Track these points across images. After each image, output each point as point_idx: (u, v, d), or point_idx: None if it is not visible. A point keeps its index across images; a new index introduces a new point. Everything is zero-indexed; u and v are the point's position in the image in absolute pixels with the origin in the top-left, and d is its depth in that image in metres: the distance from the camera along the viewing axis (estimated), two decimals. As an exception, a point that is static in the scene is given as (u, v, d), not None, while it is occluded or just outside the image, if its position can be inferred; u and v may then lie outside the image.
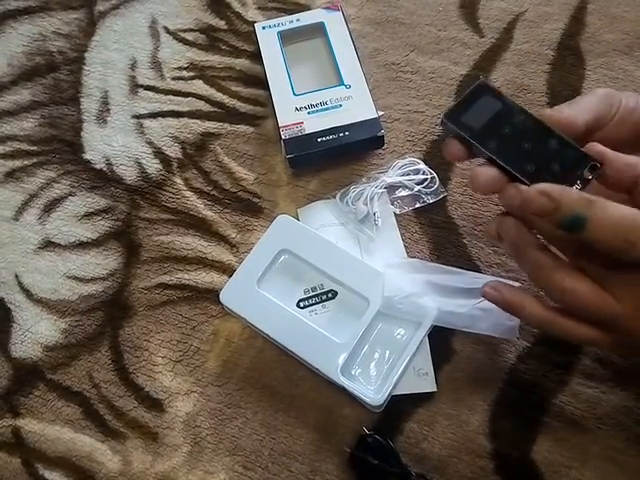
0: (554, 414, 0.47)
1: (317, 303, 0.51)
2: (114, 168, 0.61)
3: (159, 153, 0.61)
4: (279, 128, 0.57)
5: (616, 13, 0.64)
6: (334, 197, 0.56)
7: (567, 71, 0.61)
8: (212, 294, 0.54)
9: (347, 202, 0.55)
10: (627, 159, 0.36)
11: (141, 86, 0.65)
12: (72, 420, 0.51)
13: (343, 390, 0.47)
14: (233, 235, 0.57)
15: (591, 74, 0.60)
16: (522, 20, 0.65)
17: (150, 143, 0.62)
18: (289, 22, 0.64)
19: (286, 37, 0.63)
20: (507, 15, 0.65)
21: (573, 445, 0.46)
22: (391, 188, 0.56)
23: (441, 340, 0.50)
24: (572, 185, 0.35)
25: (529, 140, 0.38)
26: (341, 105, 0.58)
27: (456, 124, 0.39)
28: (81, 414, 0.51)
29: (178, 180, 0.60)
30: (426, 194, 0.56)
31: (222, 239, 0.57)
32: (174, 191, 0.59)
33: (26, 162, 0.62)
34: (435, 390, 0.49)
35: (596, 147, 0.36)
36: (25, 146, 0.63)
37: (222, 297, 0.51)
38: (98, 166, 0.61)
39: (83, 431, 0.50)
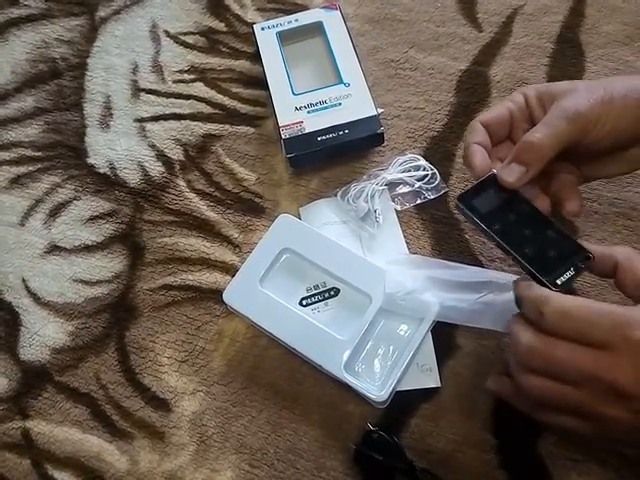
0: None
1: (320, 301, 0.51)
2: (117, 172, 0.62)
3: (161, 156, 0.62)
4: (279, 128, 0.57)
5: (615, 4, 0.63)
6: (335, 195, 0.57)
7: (567, 64, 0.61)
8: (216, 294, 0.54)
9: (348, 200, 0.56)
10: (602, 250, 0.40)
11: (143, 90, 0.66)
12: (80, 421, 0.51)
13: (347, 387, 0.47)
14: (236, 235, 0.57)
15: (591, 66, 0.60)
16: (521, 14, 0.64)
17: (152, 146, 0.63)
18: (288, 22, 0.64)
19: (285, 37, 0.64)
20: (506, 9, 0.65)
21: (578, 439, 0.46)
22: (392, 185, 0.56)
23: (444, 335, 0.50)
24: (566, 270, 0.40)
25: (530, 228, 0.42)
26: (340, 103, 0.58)
27: (467, 207, 0.44)
28: (89, 415, 0.51)
29: (181, 182, 0.60)
30: (427, 190, 0.56)
31: (225, 239, 0.57)
32: (177, 193, 0.60)
33: (31, 168, 0.63)
34: (439, 385, 0.49)
35: (584, 243, 0.41)
36: (30, 152, 0.64)
37: (225, 297, 0.52)
38: (102, 170, 0.62)
39: (91, 432, 0.51)
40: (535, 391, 0.37)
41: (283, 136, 0.57)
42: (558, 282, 0.39)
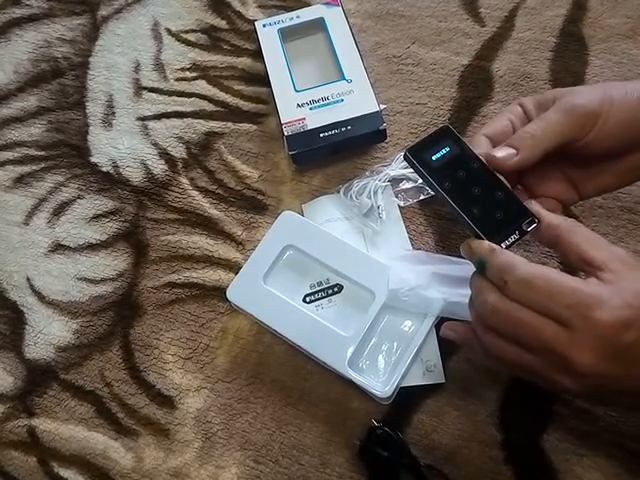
0: (564, 402, 0.47)
1: (323, 297, 0.51)
2: (120, 170, 0.62)
3: (164, 154, 0.62)
4: (281, 125, 0.57)
5: (618, -3, 0.63)
6: (338, 192, 0.57)
7: (570, 57, 0.61)
8: (219, 291, 0.54)
9: (351, 196, 0.56)
10: (550, 220, 0.39)
11: (145, 88, 0.66)
12: (85, 419, 0.52)
13: (351, 383, 0.47)
14: (239, 233, 0.57)
15: (594, 59, 0.60)
16: (523, 8, 0.64)
17: (155, 144, 0.63)
18: (289, 19, 0.64)
19: (286, 34, 0.63)
20: (508, 3, 0.65)
21: (583, 433, 0.46)
22: (395, 181, 0.56)
23: (448, 331, 0.50)
24: (511, 234, 0.39)
25: (480, 187, 0.41)
26: (343, 100, 0.58)
27: (417, 160, 0.42)
28: (94, 412, 0.52)
29: (183, 180, 0.60)
30: (430, 186, 0.56)
31: (228, 237, 0.57)
32: (180, 191, 0.60)
33: (34, 167, 0.63)
34: (443, 381, 0.49)
35: (533, 206, 0.40)
36: (33, 151, 0.64)
37: (229, 294, 0.52)
38: (105, 169, 0.62)
39: (96, 429, 0.51)
40: (494, 349, 0.38)
41: (285, 133, 0.57)
42: (502, 245, 0.39)
